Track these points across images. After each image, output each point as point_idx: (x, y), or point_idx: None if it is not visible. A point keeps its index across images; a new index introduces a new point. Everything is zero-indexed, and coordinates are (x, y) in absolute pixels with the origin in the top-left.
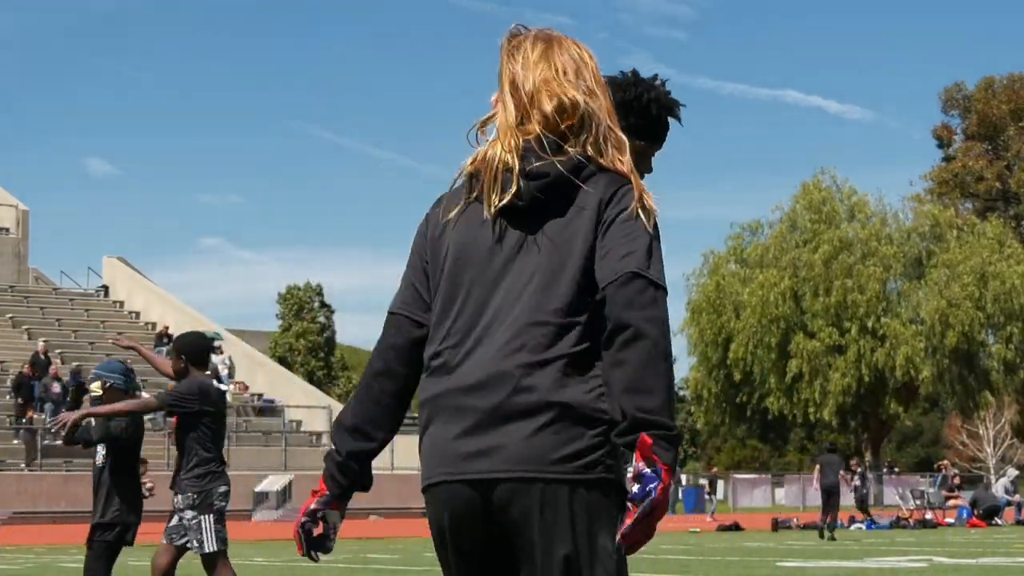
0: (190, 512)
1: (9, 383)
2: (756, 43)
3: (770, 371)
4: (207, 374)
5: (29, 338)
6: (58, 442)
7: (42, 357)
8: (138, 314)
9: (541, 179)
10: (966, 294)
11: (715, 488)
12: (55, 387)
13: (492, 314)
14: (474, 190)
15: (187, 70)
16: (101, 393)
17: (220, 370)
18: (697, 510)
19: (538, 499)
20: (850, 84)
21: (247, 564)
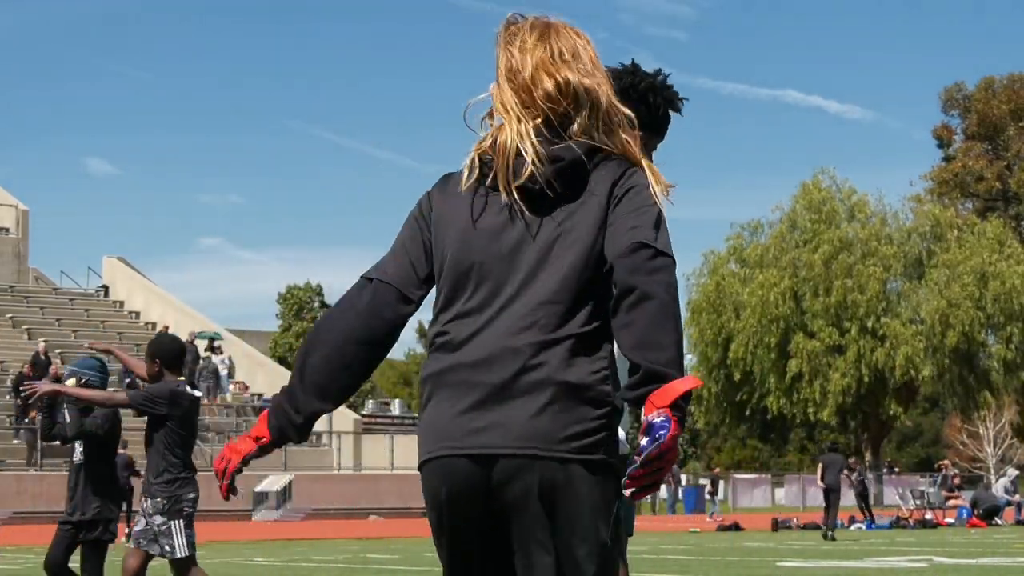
0: (159, 517)
1: (9, 383)
2: (756, 43)
3: (770, 371)
4: (181, 379)
5: (29, 338)
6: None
7: (42, 357)
8: (138, 314)
9: (556, 163)
10: (966, 294)
11: (717, 488)
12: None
13: (502, 294)
14: (484, 173)
15: (187, 70)
16: None
17: (220, 370)
18: (697, 510)
19: (539, 477)
20: (850, 84)
21: (247, 564)
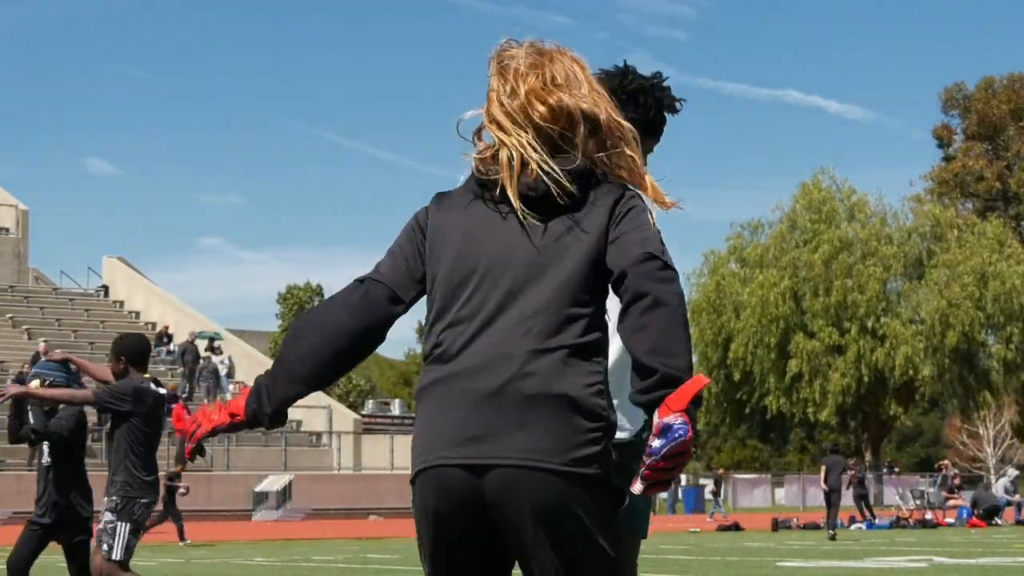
0: (109, 515)
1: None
2: (756, 43)
3: (770, 371)
4: (147, 377)
5: (29, 338)
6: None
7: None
8: (138, 314)
9: (552, 175)
10: (966, 294)
11: (720, 489)
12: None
13: (498, 304)
14: (482, 185)
15: (187, 70)
16: None
17: (220, 370)
18: (697, 510)
19: (534, 489)
20: (850, 84)
21: (247, 564)
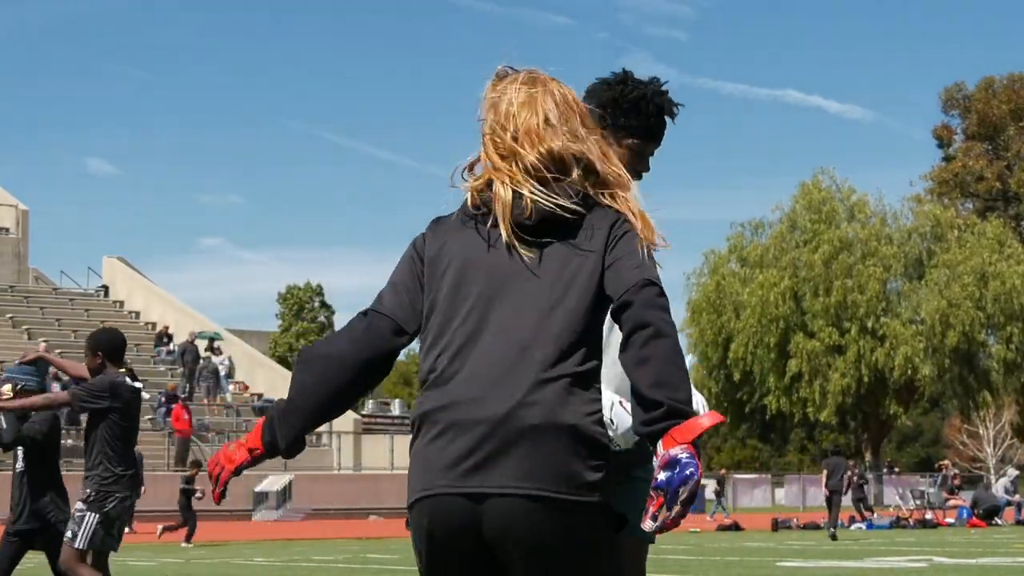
0: (80, 504)
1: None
2: (756, 43)
3: (770, 371)
4: (122, 371)
5: (29, 338)
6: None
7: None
8: (138, 314)
9: (547, 204)
10: (966, 294)
11: (724, 489)
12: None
13: (496, 332)
14: (478, 215)
15: (187, 70)
16: (12, 396)
17: (220, 370)
18: (697, 510)
19: (536, 519)
20: (850, 84)
21: (247, 564)
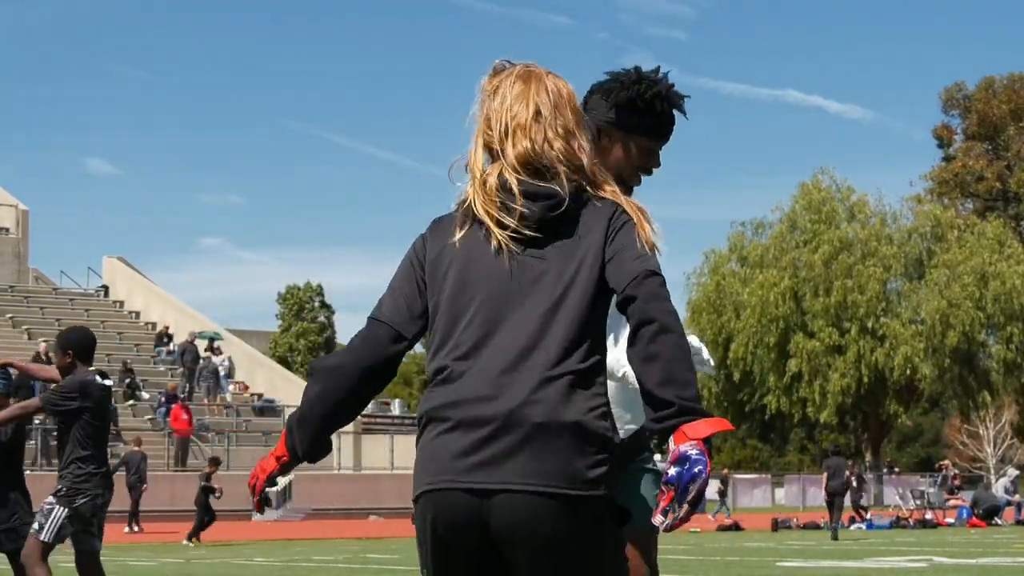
0: (50, 498)
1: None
2: (756, 43)
3: (770, 371)
4: (92, 369)
5: (29, 338)
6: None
7: (43, 357)
8: (138, 314)
9: (544, 200)
10: (966, 294)
11: (727, 489)
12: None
13: (500, 331)
14: (476, 214)
15: (187, 69)
16: None
17: (220, 370)
18: (699, 510)
19: (542, 514)
20: (850, 84)
21: (247, 564)
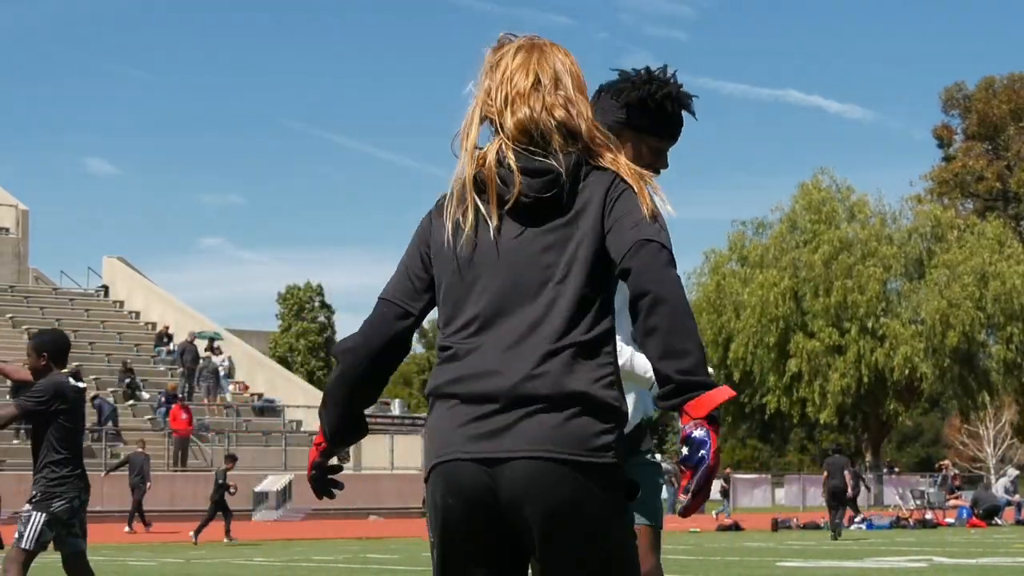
0: (28, 506)
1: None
2: (757, 43)
3: (770, 371)
4: (65, 371)
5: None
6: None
7: None
8: (138, 314)
9: (542, 175)
10: (966, 294)
11: (731, 489)
12: None
13: (503, 308)
14: (480, 191)
15: (187, 70)
16: None
17: (220, 370)
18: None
19: (550, 480)
20: (850, 84)
21: (247, 564)
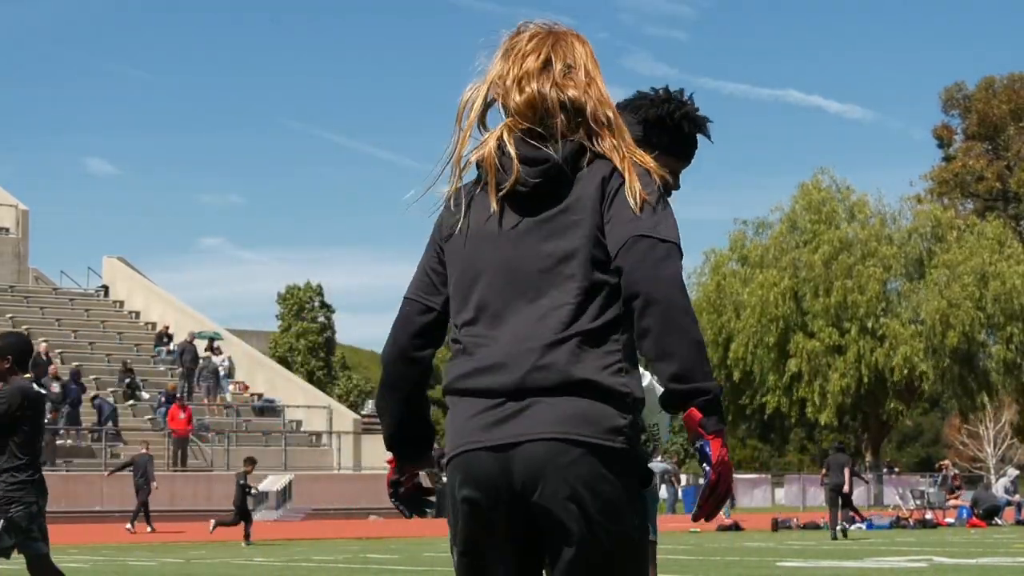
0: None
1: None
2: (757, 43)
3: (770, 371)
4: (28, 376)
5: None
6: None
7: (43, 358)
8: (138, 314)
9: (540, 164)
10: (966, 294)
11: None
12: (54, 387)
13: (508, 298)
14: (481, 180)
15: (187, 70)
16: None
17: (220, 370)
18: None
19: (565, 461)
20: (850, 84)
21: (247, 564)
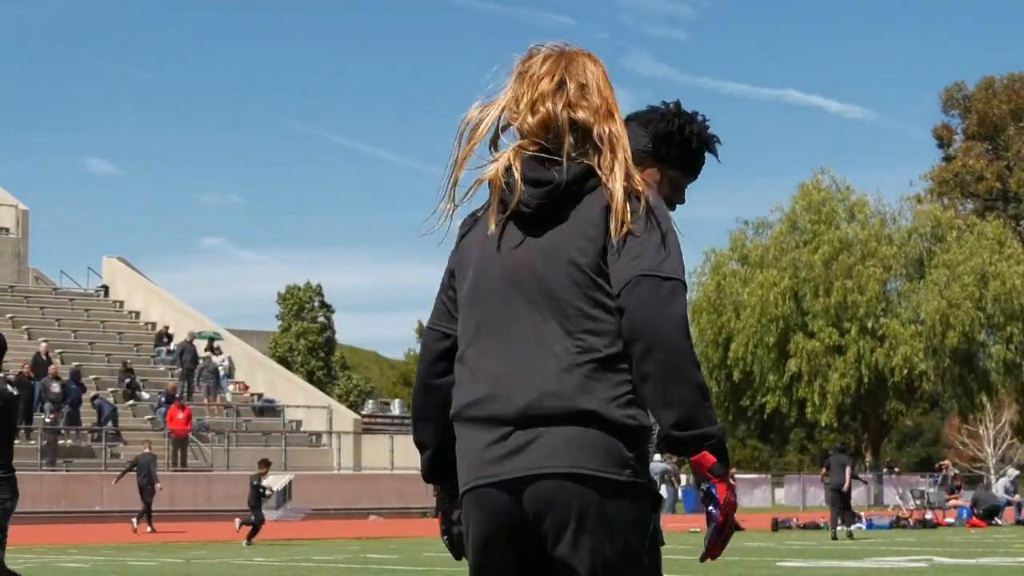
0: None
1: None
2: (757, 43)
3: (770, 371)
4: (1, 375)
5: (29, 338)
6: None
7: (43, 357)
8: (138, 314)
9: (544, 185)
10: (966, 294)
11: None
12: (54, 387)
13: (512, 324)
14: (489, 203)
15: (187, 70)
16: None
17: (220, 370)
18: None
19: (573, 495)
20: (850, 84)
21: (247, 564)
